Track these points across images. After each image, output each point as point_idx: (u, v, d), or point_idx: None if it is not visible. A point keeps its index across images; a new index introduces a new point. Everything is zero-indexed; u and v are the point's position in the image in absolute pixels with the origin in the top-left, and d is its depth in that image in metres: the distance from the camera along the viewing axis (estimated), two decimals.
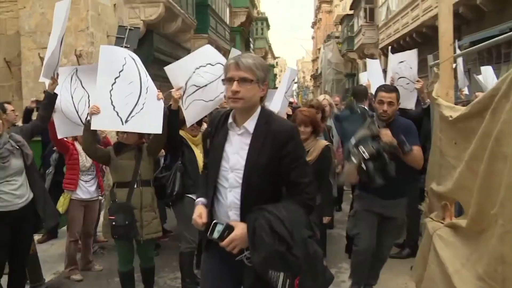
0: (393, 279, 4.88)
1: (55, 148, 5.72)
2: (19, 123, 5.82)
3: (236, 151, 2.37)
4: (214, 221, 2.32)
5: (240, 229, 2.26)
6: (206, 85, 4.43)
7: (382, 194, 3.96)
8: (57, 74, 4.30)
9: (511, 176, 2.02)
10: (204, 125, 5.00)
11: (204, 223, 2.39)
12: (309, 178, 2.39)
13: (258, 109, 2.38)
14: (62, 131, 4.75)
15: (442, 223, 3.05)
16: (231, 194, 2.36)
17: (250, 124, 2.36)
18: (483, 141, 2.33)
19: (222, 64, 4.48)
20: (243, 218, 2.31)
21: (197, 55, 4.60)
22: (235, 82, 2.26)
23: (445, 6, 3.12)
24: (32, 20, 9.75)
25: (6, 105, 5.66)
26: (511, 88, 2.08)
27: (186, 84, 4.37)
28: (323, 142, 4.35)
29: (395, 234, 4.45)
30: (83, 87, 4.72)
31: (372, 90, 6.37)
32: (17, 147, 3.92)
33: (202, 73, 4.41)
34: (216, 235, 2.28)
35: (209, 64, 4.42)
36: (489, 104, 2.30)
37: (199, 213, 2.42)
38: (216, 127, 2.49)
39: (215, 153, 2.44)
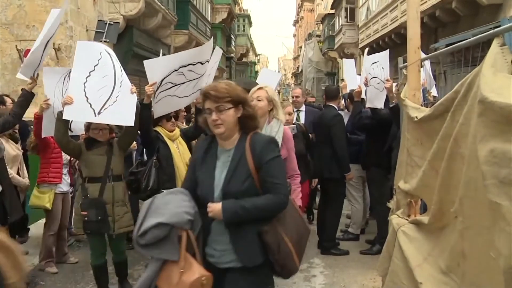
0: (363, 274, 5.02)
1: None
2: None
3: None
4: None
5: None
6: (183, 83, 4.43)
7: None
8: (37, 75, 4.36)
9: (468, 175, 2.10)
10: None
11: None
12: None
13: None
14: (47, 131, 4.66)
15: (407, 219, 3.16)
16: None
17: None
18: (444, 142, 2.43)
19: (201, 64, 4.47)
20: None
21: (191, 53, 4.59)
22: None
23: (413, 11, 3.22)
24: (9, 11, 9.65)
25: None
26: (468, 92, 2.18)
27: (161, 81, 4.37)
28: None
29: None
30: None
31: (348, 90, 6.53)
32: None
33: (186, 71, 4.39)
34: None
35: (199, 62, 4.41)
36: (450, 106, 2.40)
37: None
38: None
39: None
